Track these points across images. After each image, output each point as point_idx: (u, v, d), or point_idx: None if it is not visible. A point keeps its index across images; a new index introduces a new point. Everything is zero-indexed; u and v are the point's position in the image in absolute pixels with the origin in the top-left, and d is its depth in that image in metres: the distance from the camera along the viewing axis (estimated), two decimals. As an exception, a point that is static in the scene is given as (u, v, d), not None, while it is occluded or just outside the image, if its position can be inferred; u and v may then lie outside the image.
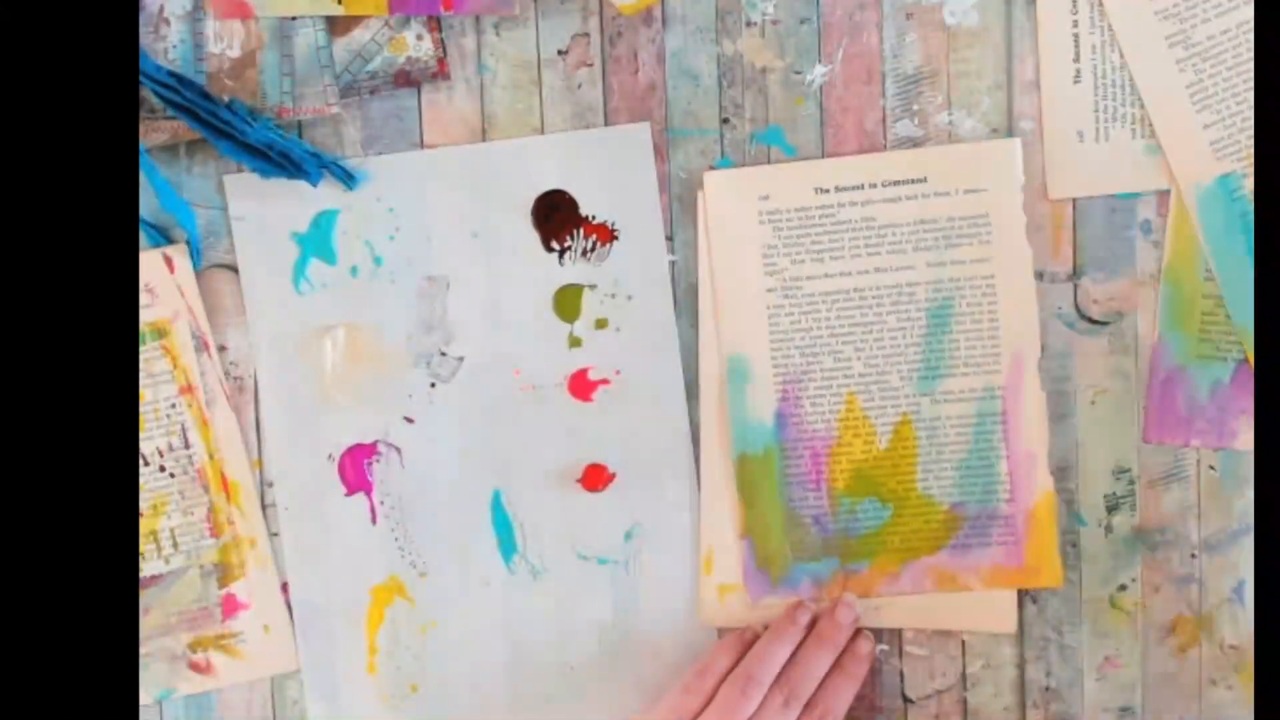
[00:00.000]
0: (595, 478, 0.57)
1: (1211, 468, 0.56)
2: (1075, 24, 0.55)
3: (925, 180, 0.55)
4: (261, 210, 0.57)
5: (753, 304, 0.56)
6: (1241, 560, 0.56)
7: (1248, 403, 0.55)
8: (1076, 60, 0.55)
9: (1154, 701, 0.57)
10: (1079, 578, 0.57)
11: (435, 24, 0.56)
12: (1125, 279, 0.56)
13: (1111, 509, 0.56)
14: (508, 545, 0.58)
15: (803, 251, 0.56)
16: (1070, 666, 0.57)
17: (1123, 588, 0.57)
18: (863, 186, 0.55)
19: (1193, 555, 0.56)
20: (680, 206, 0.57)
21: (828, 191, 0.56)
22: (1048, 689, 0.57)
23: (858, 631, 0.56)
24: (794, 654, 0.55)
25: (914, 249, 0.55)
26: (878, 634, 0.57)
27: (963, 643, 0.57)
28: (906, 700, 0.58)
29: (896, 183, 0.55)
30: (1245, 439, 0.55)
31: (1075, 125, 0.55)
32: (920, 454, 0.56)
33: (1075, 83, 0.55)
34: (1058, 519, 0.56)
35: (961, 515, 0.56)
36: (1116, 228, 0.55)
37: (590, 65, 0.56)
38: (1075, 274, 0.56)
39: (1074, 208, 0.56)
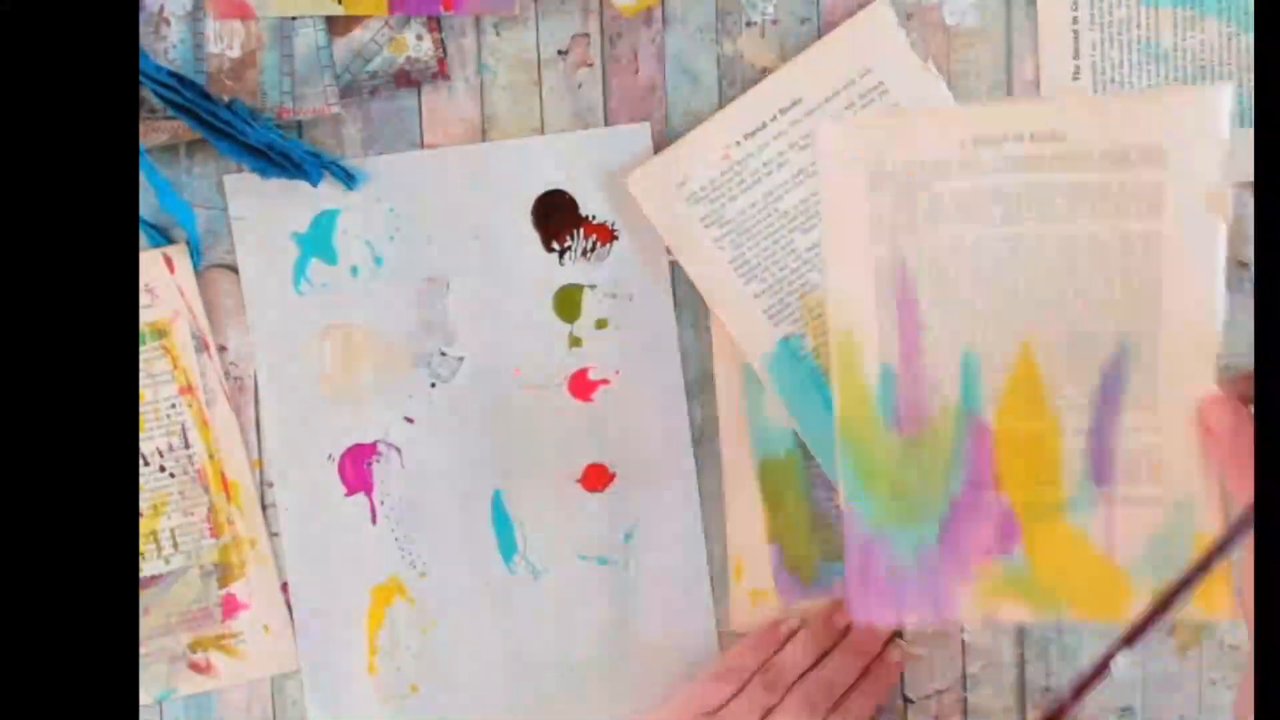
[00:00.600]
0: (595, 478, 0.57)
1: (1211, 468, 0.56)
2: (1075, 20, 0.55)
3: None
4: (261, 210, 0.57)
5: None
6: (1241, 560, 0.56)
7: (960, 563, 0.45)
8: (1076, 57, 0.55)
9: (1154, 701, 0.57)
10: (1079, 578, 0.57)
11: (435, 24, 0.56)
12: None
13: (1111, 509, 0.56)
14: (508, 545, 0.58)
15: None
16: (1070, 666, 0.57)
17: (1123, 588, 0.57)
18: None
19: (1193, 555, 0.56)
20: (680, 206, 0.57)
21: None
22: (1048, 689, 0.57)
23: (890, 639, 0.56)
24: (825, 657, 0.55)
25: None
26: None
27: (963, 643, 0.57)
28: (906, 700, 0.58)
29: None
30: (967, 604, 0.45)
31: None
32: None
33: (1074, 79, 0.55)
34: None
35: None
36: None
37: (590, 65, 0.56)
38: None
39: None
